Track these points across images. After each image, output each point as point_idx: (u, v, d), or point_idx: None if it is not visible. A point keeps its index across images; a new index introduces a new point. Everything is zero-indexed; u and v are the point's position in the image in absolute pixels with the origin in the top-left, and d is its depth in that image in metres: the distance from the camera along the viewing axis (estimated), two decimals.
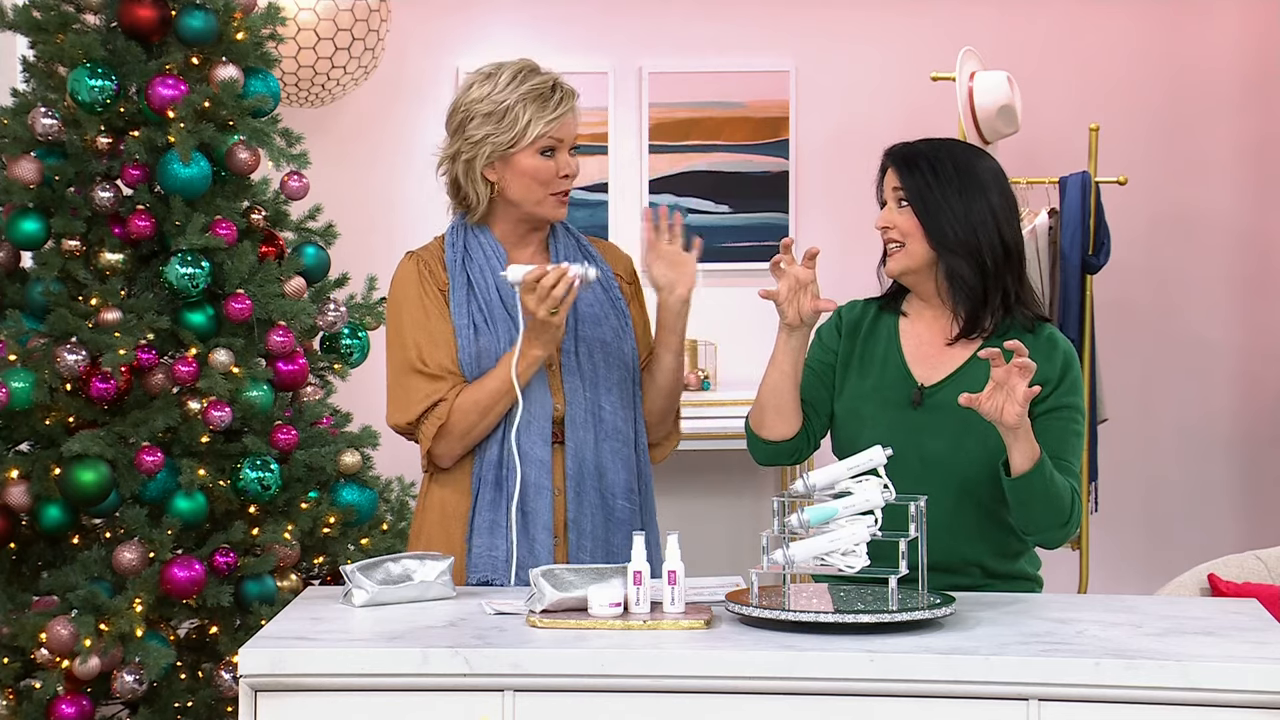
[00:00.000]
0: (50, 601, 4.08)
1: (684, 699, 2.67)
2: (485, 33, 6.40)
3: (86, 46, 4.13)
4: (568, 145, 3.38)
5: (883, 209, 3.27)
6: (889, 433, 3.14)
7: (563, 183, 3.38)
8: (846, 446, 3.19)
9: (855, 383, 3.27)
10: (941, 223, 3.19)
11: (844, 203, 6.36)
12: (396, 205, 6.39)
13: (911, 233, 3.21)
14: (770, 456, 3.33)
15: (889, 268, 3.26)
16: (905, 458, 3.10)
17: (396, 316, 3.41)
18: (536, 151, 3.35)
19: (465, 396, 3.31)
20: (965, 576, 3.17)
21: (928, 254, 3.21)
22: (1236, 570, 4.09)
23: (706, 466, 6.36)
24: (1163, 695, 2.59)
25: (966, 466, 3.15)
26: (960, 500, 3.15)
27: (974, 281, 3.20)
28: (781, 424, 3.26)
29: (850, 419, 3.26)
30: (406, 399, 3.35)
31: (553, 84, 3.37)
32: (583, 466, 3.36)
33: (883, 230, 3.25)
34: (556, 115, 3.34)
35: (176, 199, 4.14)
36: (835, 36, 6.51)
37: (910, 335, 3.28)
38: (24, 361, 4.04)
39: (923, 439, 3.17)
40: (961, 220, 3.18)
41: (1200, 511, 6.57)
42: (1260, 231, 6.58)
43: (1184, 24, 6.54)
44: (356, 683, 2.69)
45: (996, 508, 3.15)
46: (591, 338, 3.41)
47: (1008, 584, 3.22)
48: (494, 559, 3.31)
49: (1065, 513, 3.09)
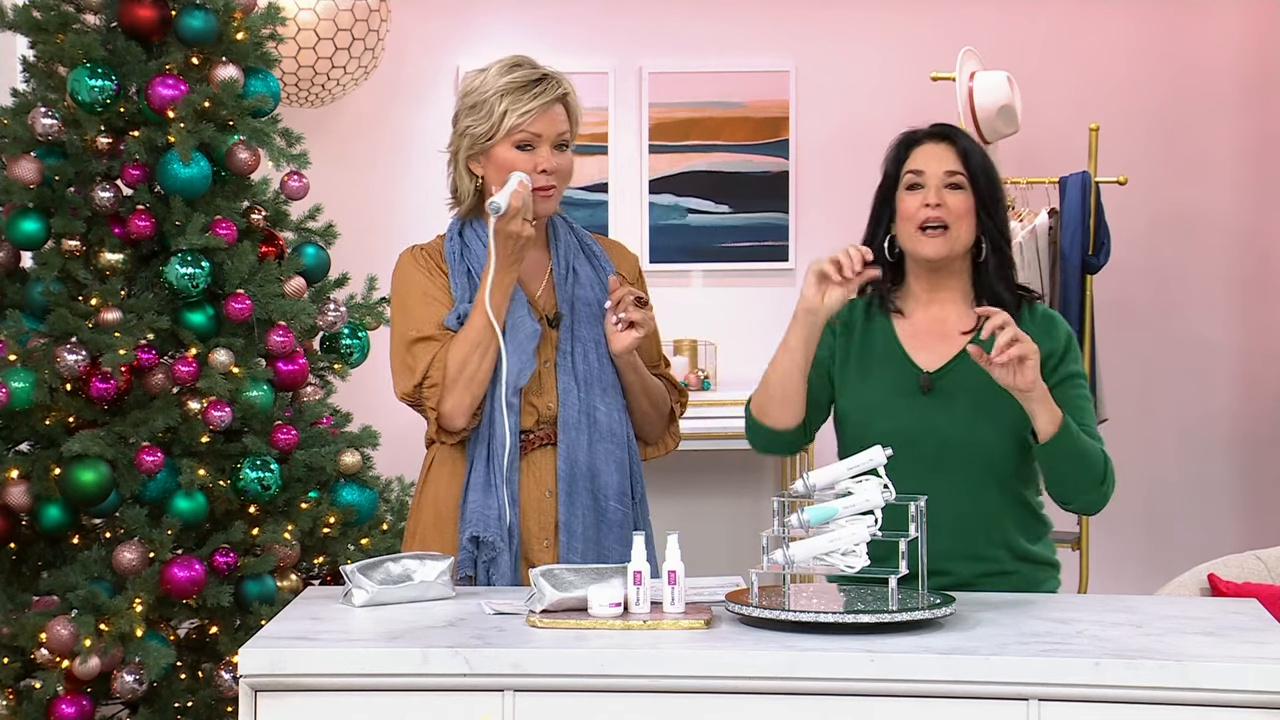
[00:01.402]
0: (50, 601, 4.08)
1: (684, 699, 2.67)
2: (485, 33, 6.40)
3: (86, 46, 4.13)
4: (548, 140, 3.32)
5: (910, 191, 3.21)
6: (903, 421, 3.15)
7: (540, 178, 3.32)
8: (856, 441, 3.17)
9: (857, 380, 3.27)
10: (997, 207, 3.22)
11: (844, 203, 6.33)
12: (396, 205, 6.39)
13: (964, 215, 3.19)
14: (769, 445, 3.31)
15: (931, 250, 3.20)
16: (922, 444, 3.11)
17: (401, 295, 3.39)
18: (512, 145, 3.32)
19: (454, 342, 3.29)
20: (993, 562, 3.18)
21: (971, 238, 3.21)
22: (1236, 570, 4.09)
23: (706, 466, 6.36)
24: (1163, 695, 2.59)
25: (984, 446, 3.15)
26: (982, 480, 3.16)
27: (1007, 268, 3.23)
28: (786, 413, 3.24)
29: (859, 414, 3.24)
30: (412, 365, 3.32)
31: (537, 78, 3.33)
32: (575, 468, 3.34)
33: (925, 211, 3.19)
34: (529, 108, 3.29)
35: (176, 199, 4.14)
36: (835, 36, 6.51)
37: (905, 327, 3.27)
38: (24, 361, 4.04)
39: (937, 423, 3.17)
40: (1002, 204, 3.24)
41: (1200, 511, 6.57)
42: (1260, 231, 6.58)
43: (1184, 24, 6.54)
44: (356, 683, 2.69)
45: (1018, 486, 3.17)
46: (587, 338, 3.39)
47: (1033, 568, 3.23)
48: (486, 517, 3.29)
49: (1100, 471, 3.13)
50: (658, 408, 3.47)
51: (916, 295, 3.28)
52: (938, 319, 3.26)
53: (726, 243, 6.49)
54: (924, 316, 3.27)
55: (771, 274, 6.51)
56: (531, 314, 3.35)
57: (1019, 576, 3.21)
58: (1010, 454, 3.14)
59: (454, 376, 3.28)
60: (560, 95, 3.34)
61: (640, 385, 3.42)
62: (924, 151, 3.23)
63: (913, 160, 3.23)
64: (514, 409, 3.31)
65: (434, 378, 3.29)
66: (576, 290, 3.41)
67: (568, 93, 3.36)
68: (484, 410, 3.32)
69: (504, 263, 3.26)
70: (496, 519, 3.29)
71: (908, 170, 3.23)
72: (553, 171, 3.33)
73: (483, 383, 3.29)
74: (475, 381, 3.28)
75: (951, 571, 3.14)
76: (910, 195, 3.22)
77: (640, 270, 3.55)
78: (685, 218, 6.49)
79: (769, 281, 6.51)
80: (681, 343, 6.27)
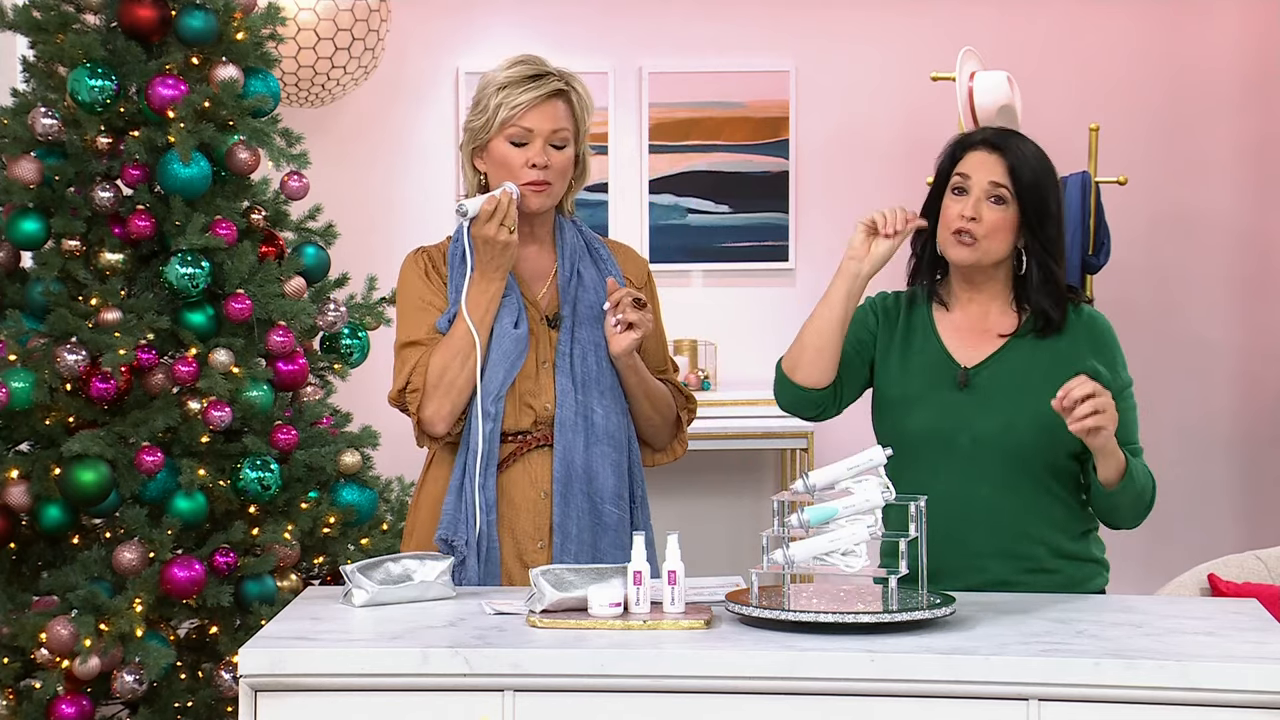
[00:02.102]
0: (50, 601, 4.08)
1: (684, 699, 2.67)
2: (485, 33, 6.40)
3: (86, 46, 4.13)
4: (541, 136, 3.30)
5: (955, 194, 3.19)
6: (938, 415, 3.16)
7: (530, 173, 3.30)
8: (892, 431, 3.18)
9: (898, 370, 3.25)
10: (1045, 222, 3.17)
11: (844, 203, 6.35)
12: (396, 205, 6.39)
13: (998, 230, 3.16)
14: (795, 403, 3.26)
15: (957, 256, 3.19)
16: (956, 439, 3.12)
17: (399, 299, 3.40)
18: (506, 140, 3.30)
19: (436, 348, 3.29)
20: (1031, 559, 3.17)
21: (1005, 252, 3.19)
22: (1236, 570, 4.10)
23: (706, 466, 6.36)
24: (1163, 695, 2.59)
25: (1019, 444, 3.15)
26: (1017, 478, 3.15)
27: (1053, 284, 3.19)
28: (818, 369, 3.20)
29: (897, 404, 3.23)
30: (401, 369, 3.33)
31: (535, 73, 3.31)
32: (570, 469, 3.32)
33: (959, 221, 3.16)
34: (519, 102, 3.28)
35: (176, 199, 4.14)
36: (835, 36, 6.51)
37: (946, 321, 3.26)
38: (24, 361, 4.04)
39: (972, 419, 3.16)
40: (1052, 220, 3.18)
41: (1200, 511, 6.57)
42: (1260, 231, 6.58)
43: (1184, 24, 6.54)
44: (356, 683, 2.69)
45: (1054, 483, 3.17)
46: (587, 340, 3.37)
47: (1077, 566, 3.22)
48: (456, 520, 3.28)
49: (1149, 501, 3.17)
50: (661, 412, 3.45)
51: (956, 293, 3.28)
52: (978, 316, 3.25)
53: (726, 243, 6.49)
54: (963, 314, 3.26)
55: (771, 274, 6.51)
56: (524, 319, 3.34)
57: (1062, 575, 3.19)
58: (1045, 451, 3.14)
59: (434, 383, 3.28)
60: (556, 91, 3.31)
61: (641, 388, 3.41)
62: (974, 159, 3.20)
63: (963, 164, 3.21)
64: (491, 417, 3.29)
65: (415, 383, 3.30)
66: (580, 293, 3.40)
67: (567, 90, 3.33)
68: (467, 415, 3.32)
69: (483, 269, 3.26)
70: (465, 524, 3.28)
71: (956, 173, 3.21)
72: (544, 167, 3.31)
73: (462, 390, 3.28)
74: (455, 389, 3.28)
75: (988, 569, 3.14)
76: (953, 200, 3.20)
77: (650, 274, 3.53)
78: (685, 218, 6.49)
79: (769, 281, 6.51)
80: (681, 343, 6.27)
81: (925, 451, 3.13)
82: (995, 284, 3.24)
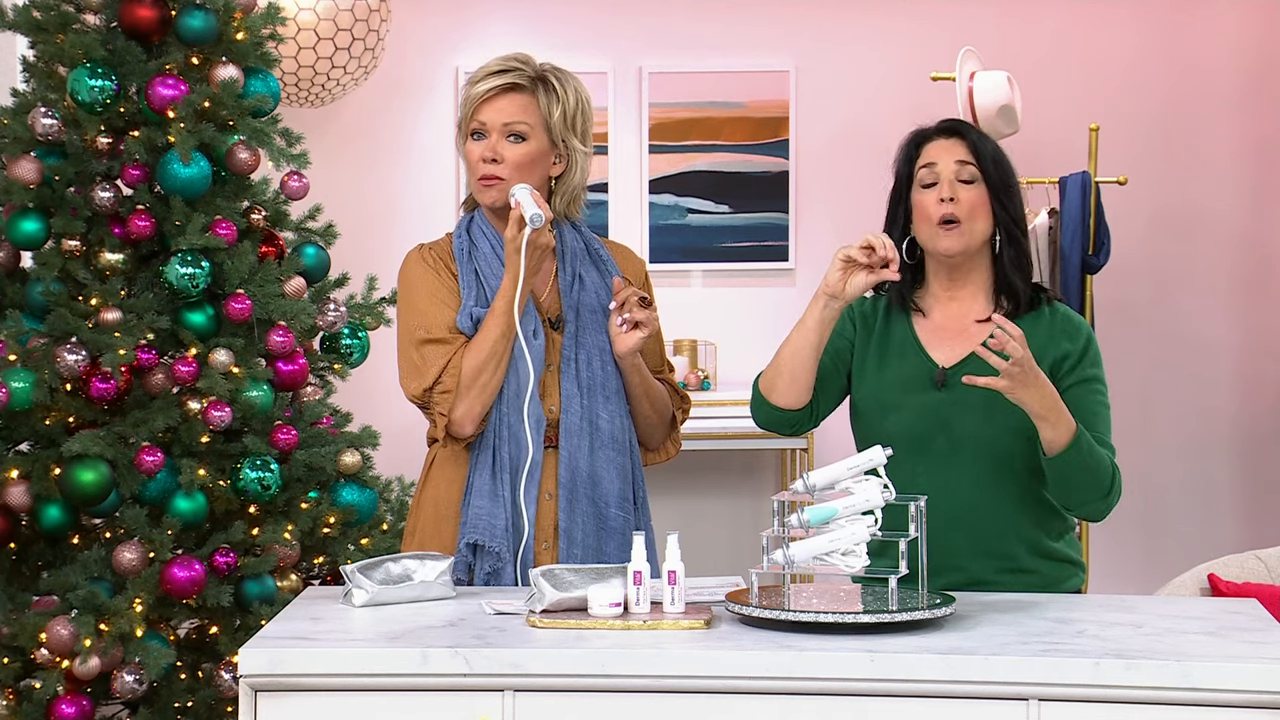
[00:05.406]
0: (50, 601, 4.08)
1: (684, 699, 2.67)
2: (485, 33, 6.40)
3: (86, 46, 4.13)
4: (495, 130, 3.30)
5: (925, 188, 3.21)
6: (916, 416, 3.16)
7: (481, 167, 3.31)
8: (870, 435, 3.19)
9: (874, 374, 3.26)
10: (1011, 196, 3.21)
11: (844, 203, 6.36)
12: (396, 205, 6.39)
13: (978, 208, 3.19)
14: (771, 422, 3.30)
15: (948, 245, 3.20)
16: (934, 439, 3.12)
17: (408, 294, 3.37)
18: (468, 135, 3.33)
19: (470, 349, 3.28)
20: (1009, 559, 3.17)
21: (988, 231, 3.21)
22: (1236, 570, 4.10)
23: (706, 466, 6.36)
24: (1163, 695, 2.59)
25: (997, 442, 3.15)
26: (996, 477, 3.16)
27: (1023, 258, 3.22)
28: (793, 392, 3.23)
29: (874, 408, 3.24)
30: (423, 366, 3.30)
31: (499, 69, 3.31)
32: (576, 474, 3.33)
33: (941, 207, 3.18)
34: (474, 95, 3.30)
35: (176, 199, 4.14)
36: (835, 36, 6.51)
37: (924, 323, 3.27)
38: (24, 361, 4.04)
39: (950, 419, 3.17)
40: (1015, 194, 3.23)
41: (1200, 511, 6.57)
42: (1260, 231, 6.58)
43: (1184, 24, 6.54)
44: (356, 683, 2.69)
45: (1033, 482, 3.17)
46: (591, 345, 3.38)
47: (1055, 566, 3.22)
48: (493, 525, 3.28)
49: (1106, 485, 3.12)
50: (660, 413, 3.46)
51: (936, 294, 3.28)
52: (956, 316, 3.26)
53: (726, 243, 6.49)
54: (943, 314, 3.27)
55: (771, 274, 6.51)
56: (540, 330, 3.34)
57: (1039, 575, 3.20)
58: (1024, 451, 3.13)
59: (468, 384, 3.27)
60: (513, 84, 3.31)
61: (643, 388, 3.41)
62: (935, 147, 3.24)
63: (924, 156, 3.23)
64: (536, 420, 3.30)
65: (446, 384, 3.28)
66: (582, 297, 3.39)
67: (529, 84, 3.32)
68: (490, 416, 3.31)
69: (528, 274, 3.26)
70: (504, 530, 3.28)
71: (920, 166, 3.23)
72: (491, 160, 3.31)
73: (494, 392, 3.29)
74: (488, 391, 3.28)
75: (966, 568, 3.15)
76: (926, 193, 3.21)
77: (647, 275, 3.54)
78: (685, 218, 6.49)
79: (769, 281, 6.51)
80: (681, 343, 6.27)
81: (903, 453, 3.11)
82: (977, 275, 3.25)
